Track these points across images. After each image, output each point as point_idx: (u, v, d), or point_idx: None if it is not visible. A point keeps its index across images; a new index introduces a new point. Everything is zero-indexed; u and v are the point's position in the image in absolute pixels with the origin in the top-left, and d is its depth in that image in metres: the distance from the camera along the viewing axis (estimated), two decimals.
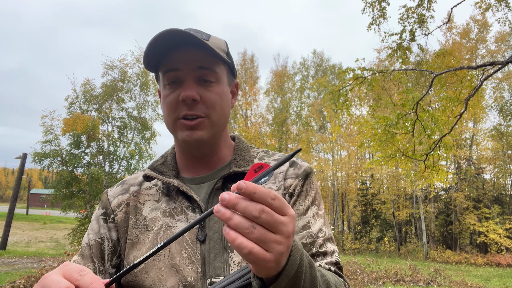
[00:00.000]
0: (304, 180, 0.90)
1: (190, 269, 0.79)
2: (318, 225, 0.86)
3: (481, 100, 17.35)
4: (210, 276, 0.78)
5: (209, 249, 0.80)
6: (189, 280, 0.78)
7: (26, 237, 21.89)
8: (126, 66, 18.13)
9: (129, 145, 18.43)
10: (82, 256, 0.89)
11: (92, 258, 0.88)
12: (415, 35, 8.64)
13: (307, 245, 0.83)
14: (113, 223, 0.91)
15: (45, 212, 43.06)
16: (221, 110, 0.86)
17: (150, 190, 0.92)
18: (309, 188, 0.90)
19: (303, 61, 31.59)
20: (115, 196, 0.94)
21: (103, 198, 0.95)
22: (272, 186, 0.89)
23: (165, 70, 0.84)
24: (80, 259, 0.88)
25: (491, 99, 24.09)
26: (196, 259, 0.80)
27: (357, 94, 10.91)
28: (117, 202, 0.92)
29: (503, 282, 12.74)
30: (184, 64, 0.82)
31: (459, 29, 23.07)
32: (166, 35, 0.78)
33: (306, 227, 0.85)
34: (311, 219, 0.86)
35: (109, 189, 0.97)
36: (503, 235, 21.34)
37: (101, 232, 0.90)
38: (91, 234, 0.91)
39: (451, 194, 24.11)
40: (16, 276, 8.13)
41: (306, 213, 0.87)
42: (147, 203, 0.90)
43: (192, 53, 0.82)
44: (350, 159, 27.90)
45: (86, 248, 0.89)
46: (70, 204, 17.59)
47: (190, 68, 0.82)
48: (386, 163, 8.93)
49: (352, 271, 10.60)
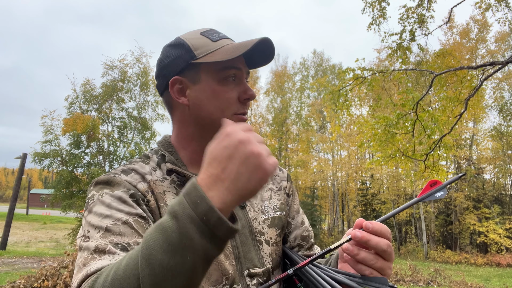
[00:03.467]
0: (291, 182, 1.08)
1: (227, 262, 0.82)
2: (306, 220, 1.07)
3: (481, 100, 17.34)
4: (247, 267, 0.85)
5: (240, 243, 0.86)
6: (230, 273, 0.82)
7: (26, 237, 21.89)
8: (126, 66, 18.14)
9: (129, 145, 18.44)
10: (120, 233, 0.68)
11: (139, 234, 0.71)
12: (415, 35, 8.63)
13: (306, 237, 1.03)
14: (148, 206, 0.79)
15: (45, 212, 43.06)
16: None
17: (163, 183, 0.86)
18: (295, 190, 1.09)
19: (303, 61, 31.63)
20: (136, 182, 0.80)
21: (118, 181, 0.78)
22: (273, 187, 1.02)
23: (226, 66, 0.83)
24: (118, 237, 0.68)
25: (491, 99, 24.12)
26: (230, 253, 0.84)
27: (357, 94, 10.91)
28: (142, 188, 0.80)
29: (503, 282, 12.74)
30: (243, 65, 0.87)
31: (459, 29, 23.08)
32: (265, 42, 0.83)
33: (303, 222, 1.04)
34: (303, 215, 1.07)
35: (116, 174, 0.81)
36: (503, 235, 21.34)
37: (137, 211, 0.74)
38: (120, 214, 0.72)
39: (451, 194, 24.12)
40: (16, 276, 8.13)
41: (299, 211, 1.06)
42: (168, 194, 0.84)
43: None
44: (350, 159, 27.91)
45: (120, 227, 0.69)
46: (70, 204, 17.58)
47: (246, 70, 0.89)
48: (386, 163, 8.93)
49: None
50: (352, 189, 28.82)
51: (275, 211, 0.96)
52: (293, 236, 1.01)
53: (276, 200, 0.99)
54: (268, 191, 0.99)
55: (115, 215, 0.71)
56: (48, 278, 5.83)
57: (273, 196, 0.99)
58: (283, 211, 0.98)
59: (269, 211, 0.95)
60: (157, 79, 0.92)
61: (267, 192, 0.99)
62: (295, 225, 1.03)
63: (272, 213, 0.95)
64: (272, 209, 0.96)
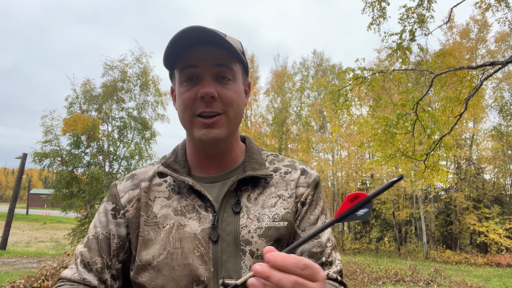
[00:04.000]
0: (315, 190, 0.92)
1: (203, 268, 0.80)
2: (326, 235, 0.89)
3: (481, 100, 17.33)
4: (222, 276, 0.80)
5: (222, 250, 0.81)
6: (202, 280, 0.79)
7: (26, 237, 21.89)
8: (126, 66, 18.15)
9: (129, 145, 18.44)
10: (89, 249, 0.88)
11: (100, 252, 0.87)
12: (415, 35, 8.63)
13: (317, 254, 0.86)
14: (123, 219, 0.89)
15: (45, 212, 43.06)
16: (238, 107, 0.86)
17: (160, 187, 0.91)
18: (318, 198, 0.93)
19: (303, 61, 31.61)
20: (125, 191, 0.91)
21: (112, 192, 0.93)
22: (284, 193, 0.89)
23: (182, 67, 0.83)
24: (86, 251, 0.87)
25: (491, 99, 24.10)
26: (209, 259, 0.80)
27: (357, 94, 10.90)
28: (127, 197, 0.90)
29: (503, 282, 12.73)
30: (202, 61, 0.82)
31: (459, 29, 23.07)
32: (188, 32, 0.78)
33: (317, 236, 0.87)
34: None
35: (118, 181, 0.95)
36: (503, 235, 21.33)
37: (109, 227, 0.89)
38: (98, 228, 0.89)
39: (451, 194, 24.11)
40: (16, 276, 8.13)
41: (316, 223, 0.90)
42: (157, 200, 0.89)
43: (211, 50, 0.81)
44: (350, 159, 27.91)
45: (93, 241, 0.88)
46: (70, 204, 17.60)
47: (208, 65, 0.82)
48: (386, 163, 8.93)
49: (352, 271, 10.60)
50: (352, 189, 28.79)
51: (273, 220, 0.85)
52: (299, 251, 0.86)
53: (282, 208, 0.87)
54: (275, 198, 0.88)
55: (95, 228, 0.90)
56: (48, 278, 5.83)
57: (278, 203, 0.88)
58: (285, 222, 0.86)
59: (266, 220, 0.85)
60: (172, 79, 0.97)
61: (273, 199, 0.88)
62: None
63: (268, 223, 0.84)
64: (271, 218, 0.85)
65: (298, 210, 0.89)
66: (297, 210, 0.89)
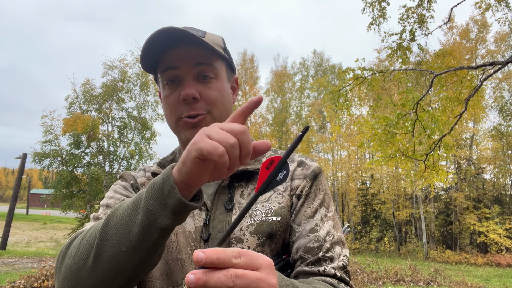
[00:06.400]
0: (313, 181, 0.87)
1: (193, 266, 0.79)
2: (326, 228, 0.82)
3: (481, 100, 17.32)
4: None
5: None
6: None
7: (26, 237, 21.89)
8: (126, 66, 18.16)
9: (129, 145, 18.45)
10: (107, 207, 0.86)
11: None
12: (415, 35, 8.63)
13: (313, 249, 0.80)
14: None
15: (45, 212, 43.04)
16: (222, 106, 0.86)
17: None
18: (317, 190, 0.87)
19: (303, 61, 31.61)
20: (139, 176, 0.96)
21: (127, 174, 0.95)
22: (279, 187, 0.86)
23: (162, 70, 0.83)
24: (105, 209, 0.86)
25: (491, 99, 24.10)
26: None
27: (357, 94, 10.90)
28: (141, 181, 0.94)
29: (503, 282, 12.74)
30: (181, 62, 0.81)
31: (459, 29, 23.08)
32: (162, 34, 0.77)
33: (314, 230, 0.82)
34: (318, 222, 0.83)
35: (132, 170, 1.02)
36: (503, 235, 21.34)
37: (130, 196, 0.89)
38: (118, 195, 0.88)
39: (451, 194, 24.11)
40: (16, 276, 8.13)
41: (314, 216, 0.84)
42: None
43: (189, 50, 0.81)
44: (350, 159, 27.91)
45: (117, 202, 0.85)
46: (70, 204, 17.61)
47: (188, 65, 0.81)
48: (386, 163, 8.93)
49: (352, 271, 10.60)
50: (352, 189, 28.81)
51: (266, 215, 0.82)
52: (295, 247, 0.82)
53: (276, 203, 0.84)
54: (269, 192, 0.85)
55: (116, 196, 0.88)
56: (48, 278, 5.84)
57: (272, 198, 0.85)
58: (279, 216, 0.82)
59: (258, 215, 0.82)
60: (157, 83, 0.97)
61: (267, 193, 0.84)
62: (299, 232, 0.82)
63: (260, 218, 0.81)
64: (263, 213, 0.82)
65: (293, 203, 0.85)
66: (292, 203, 0.85)
